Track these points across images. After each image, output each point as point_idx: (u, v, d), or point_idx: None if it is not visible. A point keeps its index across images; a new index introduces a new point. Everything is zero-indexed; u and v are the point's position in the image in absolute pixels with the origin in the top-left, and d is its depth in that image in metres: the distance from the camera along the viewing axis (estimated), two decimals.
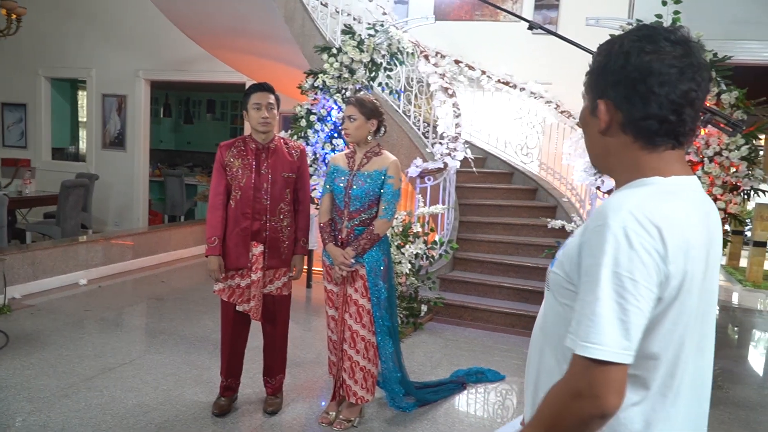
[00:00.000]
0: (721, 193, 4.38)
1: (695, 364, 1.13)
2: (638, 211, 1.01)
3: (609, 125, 1.13)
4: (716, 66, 4.49)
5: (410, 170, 5.42)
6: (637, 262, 0.98)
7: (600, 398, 0.98)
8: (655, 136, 1.09)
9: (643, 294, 0.99)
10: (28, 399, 3.53)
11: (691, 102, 1.07)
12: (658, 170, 1.10)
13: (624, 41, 1.10)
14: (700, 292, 1.08)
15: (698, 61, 1.08)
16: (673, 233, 1.01)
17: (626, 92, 1.09)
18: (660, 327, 1.04)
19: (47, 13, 9.67)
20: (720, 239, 1.17)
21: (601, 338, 0.98)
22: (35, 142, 10.23)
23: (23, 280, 5.68)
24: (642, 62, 1.06)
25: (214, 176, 3.40)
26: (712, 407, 3.92)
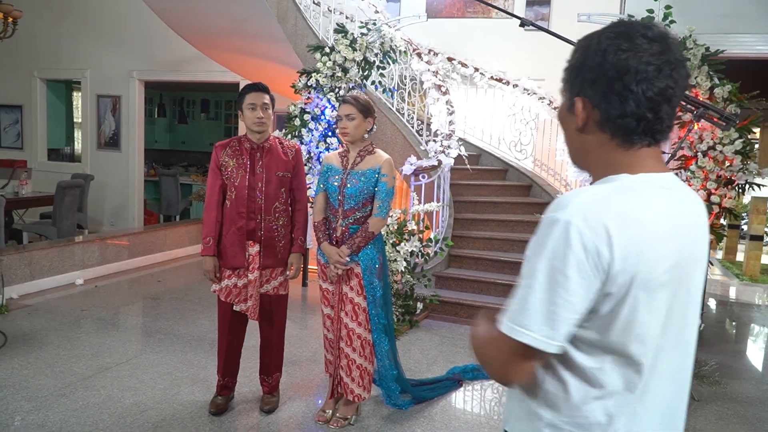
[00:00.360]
0: (716, 187, 4.40)
1: (669, 362, 1.13)
2: (586, 207, 1.02)
3: (586, 123, 1.12)
4: (709, 60, 4.51)
5: (405, 168, 5.43)
6: (574, 259, 1.00)
7: (507, 375, 1.07)
8: (632, 134, 1.09)
9: (574, 290, 1.01)
10: (27, 398, 3.54)
11: (668, 99, 1.07)
12: (629, 167, 1.10)
13: (601, 38, 1.09)
14: (669, 290, 1.08)
15: (675, 58, 1.07)
16: (622, 230, 1.01)
17: (603, 90, 1.08)
18: (616, 322, 1.05)
19: (42, 15, 9.67)
20: (702, 236, 1.16)
21: (525, 322, 1.03)
22: (31, 143, 10.23)
23: (20, 281, 5.69)
24: (619, 60, 1.06)
25: (209, 176, 3.41)
26: (710, 403, 3.97)
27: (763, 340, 6.18)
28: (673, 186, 1.12)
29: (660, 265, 1.05)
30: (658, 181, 1.10)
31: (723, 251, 10.93)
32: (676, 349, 1.14)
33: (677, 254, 1.08)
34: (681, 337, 1.14)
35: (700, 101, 3.86)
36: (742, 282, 9.07)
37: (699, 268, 1.15)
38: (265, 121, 3.32)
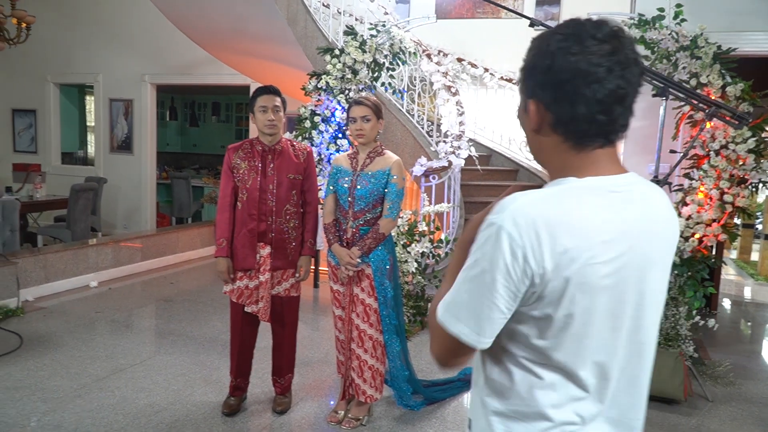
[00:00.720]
0: (729, 186, 4.37)
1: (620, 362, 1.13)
2: (520, 212, 1.02)
3: (540, 125, 1.12)
4: (721, 58, 4.48)
5: (415, 169, 5.43)
6: (502, 263, 1.02)
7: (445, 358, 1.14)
8: (584, 137, 1.08)
9: (500, 292, 1.03)
10: (43, 399, 3.58)
11: (620, 99, 1.06)
12: (578, 170, 1.09)
13: (551, 40, 1.08)
14: (614, 294, 1.07)
15: (627, 57, 1.05)
16: (555, 236, 1.01)
17: (554, 93, 1.07)
18: (553, 324, 1.06)
19: (54, 20, 9.76)
20: (661, 237, 1.13)
21: (460, 314, 1.07)
22: (45, 147, 10.33)
23: (35, 283, 5.75)
24: (568, 63, 1.04)
25: (222, 178, 3.45)
26: (724, 403, 3.95)
27: None
28: (626, 187, 1.10)
29: (600, 270, 1.04)
30: (606, 184, 1.09)
31: (737, 251, 10.84)
32: (629, 351, 1.13)
33: (624, 257, 1.07)
34: (634, 339, 1.13)
35: (712, 100, 3.84)
36: (756, 282, 8.99)
37: (656, 269, 1.13)
38: (276, 124, 3.34)
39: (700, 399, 4.05)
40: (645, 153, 5.05)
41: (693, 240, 4.41)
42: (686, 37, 4.51)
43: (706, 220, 4.38)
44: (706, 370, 4.49)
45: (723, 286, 7.40)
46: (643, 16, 4.61)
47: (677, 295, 4.38)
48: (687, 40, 4.50)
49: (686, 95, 3.80)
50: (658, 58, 4.59)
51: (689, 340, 4.27)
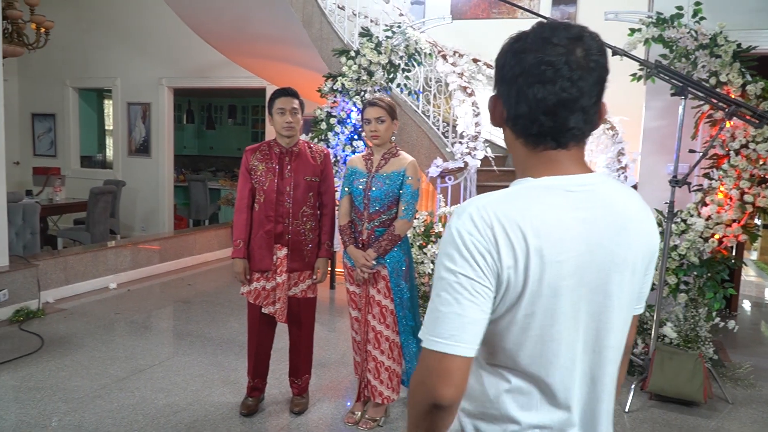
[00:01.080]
0: (749, 186, 4.32)
1: (583, 365, 1.12)
2: (477, 213, 1.03)
3: (499, 120, 1.15)
4: (740, 56, 4.43)
5: (431, 170, 5.42)
6: (471, 261, 1.02)
7: (433, 387, 1.03)
8: (529, 136, 1.10)
9: (478, 291, 1.02)
10: (63, 399, 3.62)
11: (564, 103, 1.05)
12: (533, 170, 1.11)
13: (510, 41, 1.11)
14: (575, 295, 1.06)
15: (578, 61, 1.04)
16: (507, 235, 1.02)
17: (507, 91, 1.10)
18: (514, 325, 1.07)
19: (72, 25, 9.88)
20: (628, 238, 1.11)
21: (438, 331, 1.03)
22: (64, 151, 10.45)
23: (56, 285, 5.82)
24: (517, 62, 1.07)
25: (239, 180, 3.47)
26: (745, 406, 3.91)
27: None
28: (586, 188, 1.09)
29: (558, 270, 1.04)
30: (563, 183, 1.08)
31: (758, 252, 10.70)
32: (592, 355, 1.12)
33: (583, 258, 1.06)
34: (598, 342, 1.12)
35: (732, 99, 3.80)
36: None
37: (624, 271, 1.11)
38: (293, 126, 3.35)
39: (720, 401, 4.01)
40: (664, 152, 5.01)
41: (713, 241, 4.37)
42: (705, 36, 4.46)
43: (726, 220, 4.34)
44: (726, 372, 4.43)
45: (743, 287, 7.31)
46: (662, 15, 4.57)
47: (697, 296, 4.34)
48: (706, 38, 4.46)
49: (706, 94, 3.77)
50: (677, 57, 4.55)
51: (709, 341, 4.23)
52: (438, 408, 1.04)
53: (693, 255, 4.35)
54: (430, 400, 1.04)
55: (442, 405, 1.03)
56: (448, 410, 1.04)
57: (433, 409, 1.04)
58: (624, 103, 6.19)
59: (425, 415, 1.06)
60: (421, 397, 1.05)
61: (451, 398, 1.03)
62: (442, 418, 1.06)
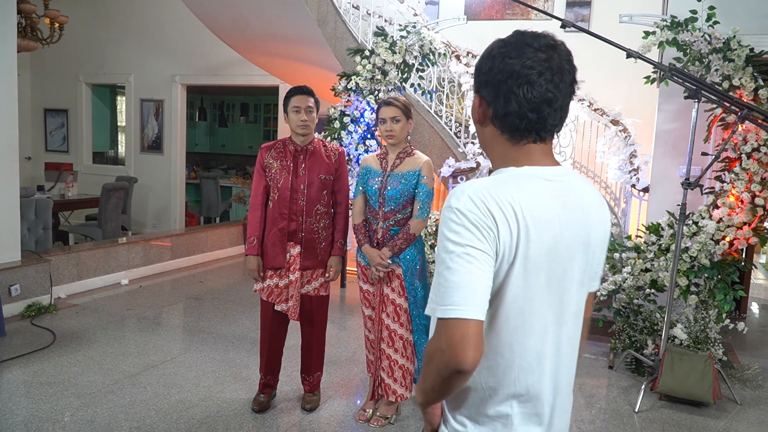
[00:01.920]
0: (760, 189, 4.32)
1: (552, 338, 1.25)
2: (474, 194, 1.15)
3: (483, 118, 1.28)
4: (753, 61, 4.42)
5: (443, 170, 5.45)
6: (476, 233, 1.12)
7: (455, 352, 1.09)
8: (516, 131, 1.24)
9: (483, 260, 1.12)
10: (76, 395, 3.66)
11: (548, 102, 1.21)
12: (515, 161, 1.25)
13: (495, 47, 1.24)
14: (547, 273, 1.20)
15: (559, 66, 1.21)
16: (503, 213, 1.14)
17: (493, 91, 1.23)
18: (503, 300, 1.19)
19: (87, 21, 9.94)
20: (592, 224, 1.26)
21: (451, 300, 1.11)
22: (77, 147, 10.51)
23: (68, 281, 5.87)
24: (505, 65, 1.21)
25: (254, 177, 3.50)
26: (752, 407, 3.92)
27: None
28: (560, 178, 1.24)
29: (538, 248, 1.17)
30: (542, 173, 1.23)
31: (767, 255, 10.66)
32: (558, 325, 1.25)
33: (557, 239, 1.20)
34: (563, 314, 1.26)
35: (744, 103, 3.80)
36: None
37: (584, 251, 1.26)
38: (308, 124, 3.38)
39: (729, 402, 4.02)
40: (676, 155, 5.01)
41: (723, 243, 4.37)
42: (719, 40, 4.46)
43: (737, 223, 4.34)
44: (735, 373, 4.44)
45: (752, 290, 7.29)
46: (676, 18, 4.57)
47: (707, 298, 4.34)
48: (719, 42, 4.46)
49: (719, 98, 3.77)
50: (691, 60, 4.55)
51: (718, 343, 4.24)
52: (461, 373, 1.10)
53: (704, 257, 4.35)
54: (454, 367, 1.10)
55: (466, 370, 1.10)
56: (469, 374, 1.12)
57: (455, 374, 1.11)
58: (637, 105, 6.20)
59: (445, 380, 1.13)
60: (443, 365, 1.11)
61: (474, 361, 1.10)
62: (461, 383, 1.14)
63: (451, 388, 1.16)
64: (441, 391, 1.18)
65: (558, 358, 1.26)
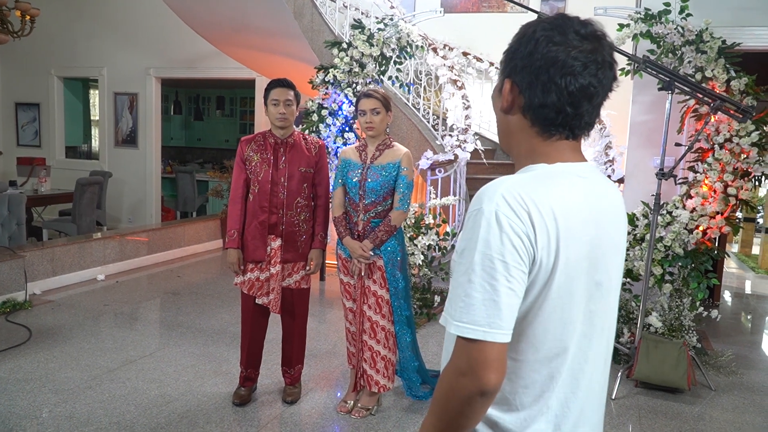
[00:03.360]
0: (732, 179, 4.40)
1: (593, 347, 1.15)
2: (509, 195, 1.03)
3: (511, 106, 1.16)
4: (725, 52, 4.50)
5: (421, 162, 5.47)
6: (508, 245, 1.01)
7: (478, 375, 1.01)
8: (550, 125, 1.13)
9: (514, 275, 1.02)
10: (54, 391, 3.62)
11: (589, 97, 1.10)
12: (546, 157, 1.14)
13: (537, 29, 1.12)
14: (587, 279, 1.10)
15: (603, 59, 1.10)
16: (543, 218, 1.04)
17: (530, 78, 1.11)
18: (543, 308, 1.07)
19: (58, 13, 9.76)
20: (619, 223, 1.19)
21: (473, 318, 1.01)
22: (49, 141, 10.35)
23: (43, 276, 5.79)
24: (548, 51, 1.08)
25: (234, 170, 3.49)
26: (727, 393, 4.00)
27: None
28: (590, 175, 1.15)
29: (579, 251, 1.08)
30: (575, 169, 1.13)
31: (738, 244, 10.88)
32: (600, 337, 1.16)
33: (595, 240, 1.11)
34: (605, 323, 1.17)
35: (717, 94, 3.87)
36: (757, 275, 9.03)
37: (616, 253, 1.17)
38: (287, 117, 3.37)
39: (703, 388, 4.10)
40: (650, 146, 5.08)
41: (697, 232, 4.45)
42: (692, 32, 4.53)
43: (710, 212, 4.42)
44: (709, 360, 4.54)
45: (725, 278, 7.45)
46: (650, 11, 4.63)
47: (681, 286, 4.43)
48: (692, 34, 4.53)
49: (692, 89, 3.84)
50: (664, 53, 4.62)
51: (693, 330, 4.32)
52: (484, 395, 1.02)
53: (678, 246, 4.43)
54: (476, 389, 1.02)
55: (489, 392, 1.02)
56: (493, 396, 1.04)
57: (478, 398, 1.02)
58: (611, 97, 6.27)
59: (466, 405, 1.04)
60: (464, 387, 1.03)
61: (497, 383, 1.02)
62: (484, 407, 1.05)
63: (473, 414, 1.05)
64: (460, 423, 1.06)
65: (594, 371, 1.17)
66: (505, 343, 1.03)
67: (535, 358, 1.10)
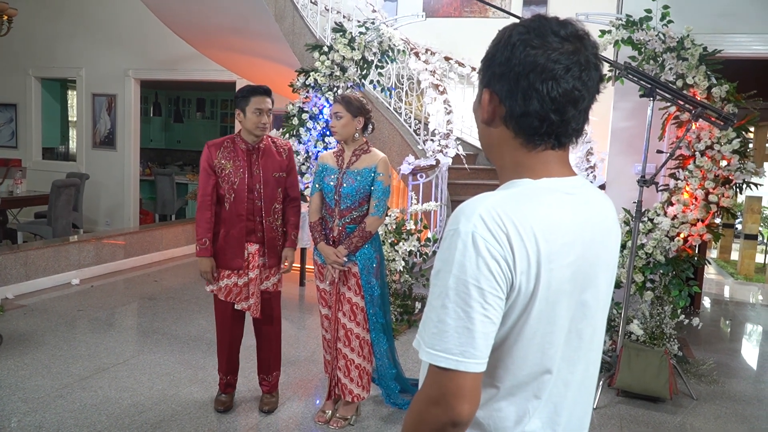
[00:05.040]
0: (714, 186, 4.41)
1: (575, 370, 1.10)
2: (488, 215, 0.97)
3: (492, 117, 1.09)
4: (706, 60, 4.51)
5: (402, 167, 5.42)
6: (484, 270, 0.95)
7: (450, 405, 0.96)
8: (534, 135, 1.05)
9: (490, 302, 0.96)
10: (23, 399, 3.52)
11: (574, 101, 1.03)
12: (532, 171, 1.07)
13: (513, 33, 1.05)
14: (571, 298, 1.05)
15: (587, 60, 1.03)
16: (522, 239, 0.97)
17: (509, 86, 1.04)
18: (523, 333, 1.02)
19: (37, 13, 9.63)
20: (610, 240, 1.13)
21: (446, 346, 0.96)
22: (26, 142, 10.19)
23: (15, 280, 5.66)
24: (527, 56, 1.02)
25: (201, 176, 3.36)
26: (708, 401, 3.98)
27: (758, 339, 6.20)
28: (579, 190, 1.09)
29: (562, 274, 1.02)
30: (561, 186, 1.07)
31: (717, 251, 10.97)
32: (584, 360, 1.11)
33: (579, 261, 1.04)
34: (590, 343, 1.11)
35: (698, 101, 3.87)
36: (736, 281, 9.10)
37: (605, 271, 1.11)
38: (267, 126, 3.32)
39: (685, 397, 4.09)
40: (631, 153, 5.08)
41: (678, 240, 4.45)
42: (673, 39, 4.54)
43: (691, 219, 4.42)
44: (690, 368, 4.53)
45: (705, 285, 7.48)
46: (631, 17, 4.63)
47: (663, 294, 4.42)
48: (674, 41, 4.53)
49: (673, 96, 3.83)
50: (645, 59, 4.62)
51: (674, 338, 4.31)
52: (456, 426, 0.97)
53: (659, 253, 4.42)
54: (447, 419, 0.97)
55: (461, 422, 0.97)
56: (465, 427, 0.99)
57: (450, 427, 0.97)
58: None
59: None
60: (435, 417, 0.98)
61: (470, 413, 0.97)
62: None
63: None
64: None
65: (582, 401, 1.14)
66: (480, 372, 0.97)
67: (512, 384, 1.04)
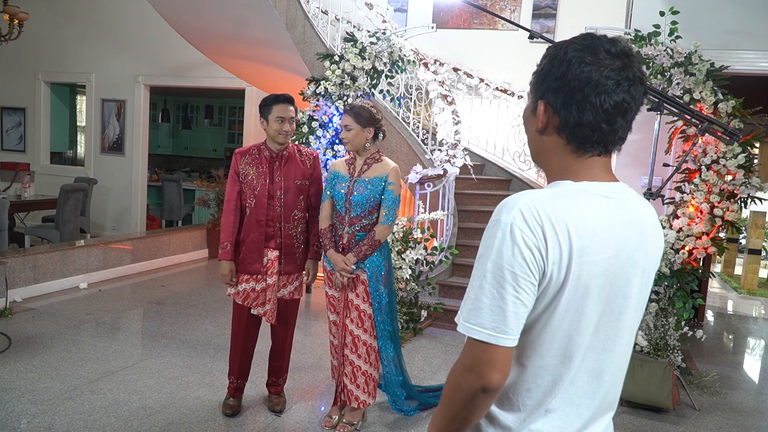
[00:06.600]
0: (719, 200, 4.44)
1: (600, 364, 1.19)
2: (527, 209, 1.08)
3: (546, 126, 1.19)
4: (713, 75, 4.55)
5: (410, 176, 5.46)
6: (519, 257, 1.07)
7: (482, 373, 1.09)
8: (586, 143, 1.17)
9: (522, 286, 1.08)
10: (33, 401, 3.55)
11: (623, 113, 1.15)
12: (575, 174, 1.18)
13: (568, 49, 1.15)
14: (602, 294, 1.14)
15: (635, 75, 1.14)
16: (555, 232, 1.08)
17: (564, 99, 1.15)
18: (551, 321, 1.13)
19: (48, 17, 9.71)
20: (648, 244, 1.20)
21: (480, 321, 1.09)
22: (34, 146, 10.24)
23: (24, 284, 5.70)
24: (581, 72, 1.12)
25: (228, 182, 3.49)
26: (711, 413, 4.01)
27: (761, 352, 6.22)
28: (617, 195, 1.18)
29: (592, 269, 1.11)
30: (600, 189, 1.16)
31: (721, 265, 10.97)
32: (604, 351, 1.19)
33: (612, 260, 1.14)
34: (614, 340, 1.19)
35: (704, 116, 3.90)
36: (740, 295, 9.11)
37: (640, 275, 1.20)
38: (289, 133, 3.38)
39: (688, 408, 4.11)
40: (638, 166, 5.12)
41: (683, 252, 4.47)
42: (681, 54, 4.58)
43: (696, 233, 4.45)
44: (693, 380, 4.55)
45: (708, 298, 7.50)
46: (639, 32, 4.68)
47: (667, 305, 4.44)
48: (681, 56, 4.58)
49: (680, 110, 3.86)
50: (653, 74, 4.66)
51: (678, 350, 4.33)
52: (486, 392, 1.10)
53: (664, 266, 4.45)
54: (479, 385, 1.09)
55: (490, 389, 1.09)
56: (495, 394, 1.11)
57: (480, 393, 1.10)
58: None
59: (469, 400, 1.12)
60: (468, 382, 1.11)
61: (499, 382, 1.10)
62: (486, 403, 1.13)
63: (477, 409, 1.13)
64: (464, 416, 1.14)
65: (604, 393, 1.21)
66: (510, 347, 1.09)
67: (539, 365, 1.15)
